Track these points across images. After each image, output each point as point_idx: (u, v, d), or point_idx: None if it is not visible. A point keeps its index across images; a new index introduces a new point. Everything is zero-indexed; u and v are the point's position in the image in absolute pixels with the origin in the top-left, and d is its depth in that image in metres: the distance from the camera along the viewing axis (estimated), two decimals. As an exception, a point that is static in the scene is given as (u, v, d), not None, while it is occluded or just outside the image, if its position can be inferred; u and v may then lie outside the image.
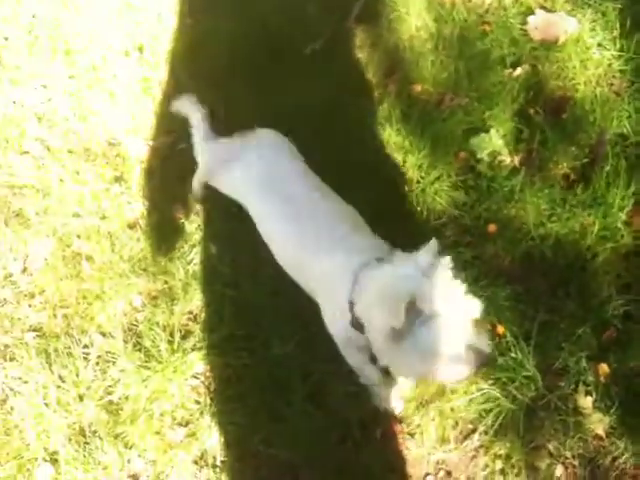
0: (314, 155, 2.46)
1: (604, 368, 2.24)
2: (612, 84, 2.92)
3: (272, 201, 2.21)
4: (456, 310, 1.72)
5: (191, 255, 2.62)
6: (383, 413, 2.27)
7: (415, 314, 1.68)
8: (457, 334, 1.71)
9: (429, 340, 1.70)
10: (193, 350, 2.41)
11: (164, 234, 2.70)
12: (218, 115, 2.86)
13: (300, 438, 2.24)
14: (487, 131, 2.82)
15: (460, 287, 1.74)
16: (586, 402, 2.19)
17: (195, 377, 2.39)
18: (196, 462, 2.27)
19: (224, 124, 2.87)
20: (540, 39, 3.07)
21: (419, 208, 2.66)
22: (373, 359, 1.93)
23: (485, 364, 1.77)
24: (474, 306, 1.75)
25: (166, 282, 2.58)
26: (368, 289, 1.82)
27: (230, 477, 2.23)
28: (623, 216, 2.51)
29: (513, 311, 2.36)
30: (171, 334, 2.43)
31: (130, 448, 2.29)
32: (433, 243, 1.77)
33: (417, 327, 1.69)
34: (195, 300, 2.53)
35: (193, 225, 2.71)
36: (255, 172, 2.27)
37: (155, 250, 2.65)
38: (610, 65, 2.95)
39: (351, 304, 1.86)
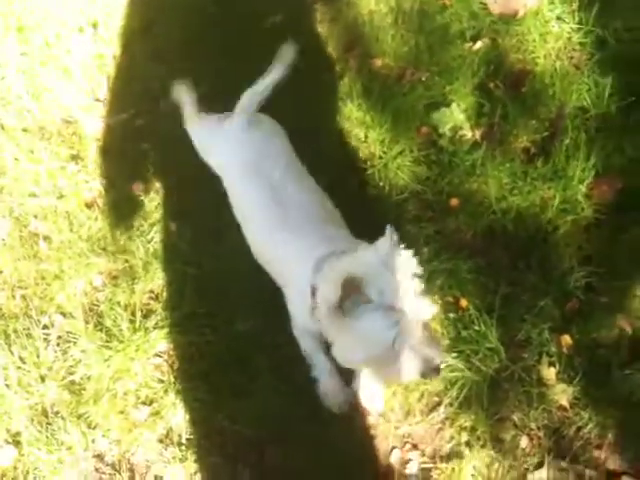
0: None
1: (567, 339, 2.28)
2: (572, 57, 2.94)
3: (254, 184, 2.19)
4: (408, 308, 1.71)
5: (151, 234, 2.59)
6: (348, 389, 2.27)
7: (361, 298, 1.69)
8: (405, 331, 1.70)
9: (370, 327, 1.70)
10: (155, 329, 2.39)
11: (123, 213, 2.66)
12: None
13: (266, 414, 2.24)
14: (448, 105, 2.83)
15: (417, 286, 1.73)
16: (549, 373, 2.23)
17: (158, 355, 2.37)
18: (161, 440, 2.26)
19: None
20: (499, 13, 3.07)
21: (381, 183, 2.66)
22: (327, 349, 1.94)
23: (433, 374, 1.76)
24: (427, 308, 1.74)
25: (126, 261, 2.54)
26: (328, 276, 1.82)
27: (196, 454, 2.22)
28: (583, 189, 2.54)
29: (475, 284, 2.38)
30: (132, 313, 2.41)
31: (94, 428, 2.28)
32: (390, 231, 1.74)
33: (361, 311, 1.69)
34: (156, 279, 2.50)
35: (152, 203, 2.67)
36: (244, 154, 2.26)
37: (114, 229, 2.61)
38: (570, 38, 2.97)
39: (313, 289, 1.88)
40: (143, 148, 2.74)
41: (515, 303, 2.36)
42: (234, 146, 2.28)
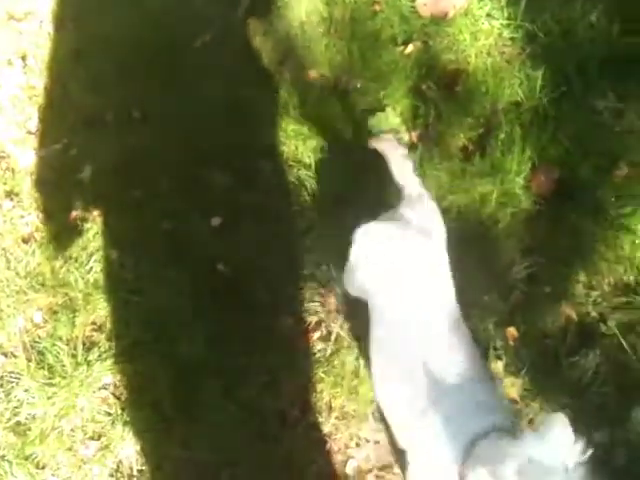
0: (216, 147, 2.50)
1: (512, 332, 2.34)
2: (503, 52, 3.01)
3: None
4: None
5: (90, 263, 2.61)
6: (302, 400, 2.30)
7: None
8: None
9: None
10: (99, 361, 2.41)
11: (61, 244, 2.68)
12: (107, 120, 2.84)
13: (218, 437, 2.26)
14: (383, 110, 2.89)
15: None
16: (497, 367, 2.28)
17: (104, 388, 2.39)
18: (112, 475, 2.27)
19: (114, 128, 2.88)
20: (429, 15, 3.15)
21: (320, 192, 2.70)
22: None
23: None
24: None
25: (66, 294, 2.56)
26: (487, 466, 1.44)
27: (149, 487, 2.23)
28: (521, 181, 2.61)
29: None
30: (75, 347, 2.41)
31: (42, 468, 2.29)
32: (562, 420, 1.42)
33: None
34: (98, 309, 2.52)
35: (90, 232, 2.68)
36: None
37: (52, 262, 2.63)
38: (500, 34, 3.05)
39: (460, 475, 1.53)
40: (78, 178, 2.76)
41: (461, 301, 2.40)
42: None
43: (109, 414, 2.35)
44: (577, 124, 2.72)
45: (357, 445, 2.26)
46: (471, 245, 2.53)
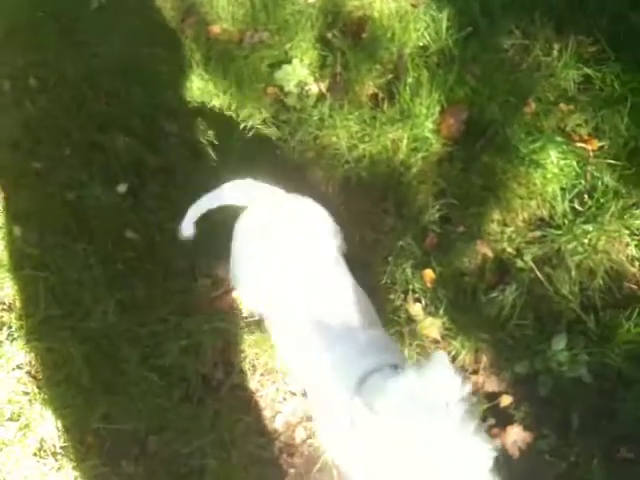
0: (117, 111, 2.47)
1: (429, 273, 2.36)
2: (409, -4, 3.00)
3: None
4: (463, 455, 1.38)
5: (-9, 243, 2.51)
6: (225, 362, 2.28)
7: None
8: None
9: None
10: (10, 341, 2.34)
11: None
12: (4, 89, 2.73)
13: (141, 406, 2.22)
14: (290, 62, 2.85)
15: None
16: (416, 309, 2.30)
17: (18, 368, 2.32)
18: (35, 454, 2.22)
19: (11, 98, 2.77)
20: (332, -38, 3.10)
21: (232, 151, 2.66)
22: None
23: None
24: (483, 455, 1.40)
25: (-31, 276, 2.46)
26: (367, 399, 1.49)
27: (74, 461, 2.19)
28: (430, 125, 2.62)
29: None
30: (-17, 329, 2.33)
31: (-39, 455, 2.20)
32: (443, 358, 1.45)
33: None
34: (5, 289, 2.44)
35: (-10, 210, 2.58)
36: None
37: (-49, 244, 2.51)
38: (403, -22, 3.03)
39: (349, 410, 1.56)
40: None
41: (378, 248, 2.41)
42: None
43: (26, 393, 2.28)
44: (484, 63, 2.74)
45: (284, 399, 2.26)
46: (385, 192, 2.53)
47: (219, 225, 2.14)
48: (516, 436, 2.15)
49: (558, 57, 2.72)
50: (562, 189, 2.45)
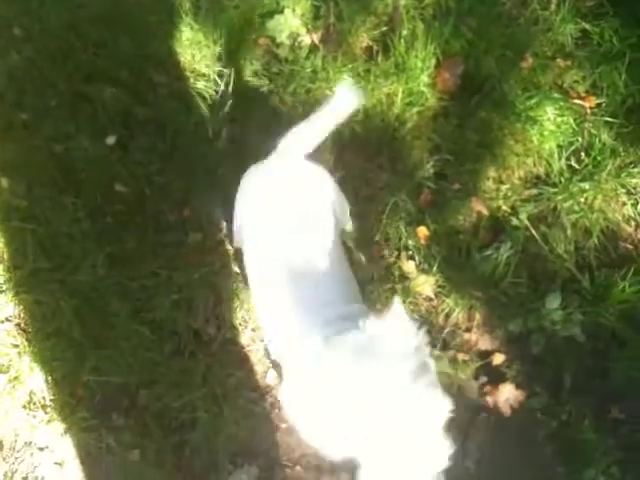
0: (105, 61, 2.46)
1: (423, 231, 2.37)
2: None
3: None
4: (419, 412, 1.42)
5: (-22, 195, 2.47)
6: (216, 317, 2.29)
7: None
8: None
9: None
10: (-2, 293, 2.31)
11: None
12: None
13: (131, 360, 2.23)
14: (282, 12, 2.80)
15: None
16: (409, 266, 2.31)
17: (8, 320, 2.32)
18: (25, 406, 2.23)
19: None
20: None
21: (220, 101, 2.62)
22: None
23: None
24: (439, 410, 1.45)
25: (-44, 229, 2.43)
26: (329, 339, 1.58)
27: (63, 413, 2.20)
28: (426, 79, 2.60)
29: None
30: (-29, 281, 2.32)
31: (-49, 408, 2.21)
32: (399, 307, 1.50)
33: None
34: (-7, 241, 2.41)
35: (-24, 163, 2.54)
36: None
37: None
38: None
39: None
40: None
41: (372, 204, 2.41)
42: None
43: (15, 346, 2.28)
44: (480, 16, 2.70)
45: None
46: (379, 148, 2.52)
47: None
48: (508, 394, 2.18)
49: (556, 11, 2.70)
50: (559, 146, 2.45)
